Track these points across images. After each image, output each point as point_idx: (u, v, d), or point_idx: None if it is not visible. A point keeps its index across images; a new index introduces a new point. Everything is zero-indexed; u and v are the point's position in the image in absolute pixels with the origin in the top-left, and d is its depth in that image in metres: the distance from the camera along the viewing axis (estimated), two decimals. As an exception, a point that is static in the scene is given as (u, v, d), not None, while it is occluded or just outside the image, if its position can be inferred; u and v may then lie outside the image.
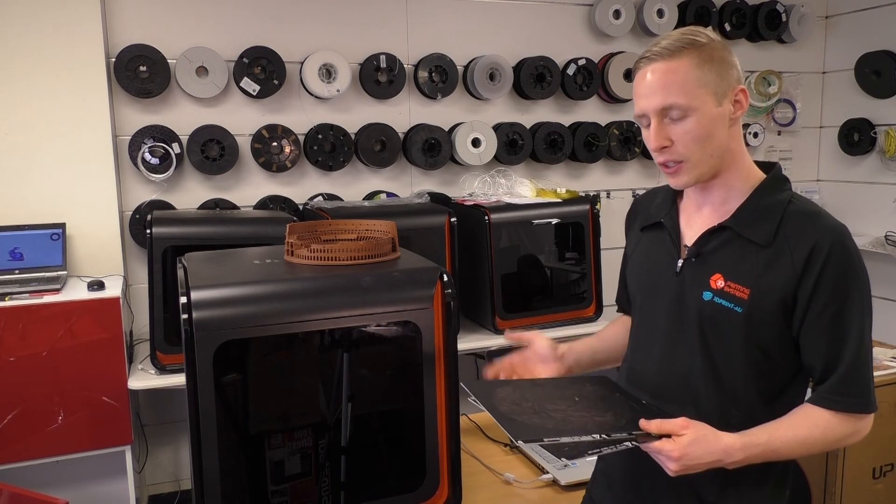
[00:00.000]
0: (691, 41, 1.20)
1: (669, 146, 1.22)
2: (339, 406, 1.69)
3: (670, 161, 1.23)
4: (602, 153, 3.69)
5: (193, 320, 1.34)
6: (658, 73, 1.20)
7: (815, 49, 4.19)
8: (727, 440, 1.17)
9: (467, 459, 1.89)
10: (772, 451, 1.18)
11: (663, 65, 1.20)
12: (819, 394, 1.20)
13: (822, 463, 2.40)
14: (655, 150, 1.23)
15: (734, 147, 1.25)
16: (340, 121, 3.28)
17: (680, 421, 1.16)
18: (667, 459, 1.15)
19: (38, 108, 2.83)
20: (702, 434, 1.16)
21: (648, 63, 1.22)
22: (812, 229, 1.19)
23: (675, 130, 1.21)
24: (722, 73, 1.21)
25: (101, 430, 2.57)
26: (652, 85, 1.21)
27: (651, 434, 1.16)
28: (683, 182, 1.25)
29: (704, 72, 1.19)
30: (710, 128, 1.20)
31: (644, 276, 1.39)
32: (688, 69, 1.19)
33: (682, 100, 1.19)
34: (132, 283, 3.07)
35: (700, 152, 1.22)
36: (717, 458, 1.16)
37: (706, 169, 1.24)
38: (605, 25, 3.65)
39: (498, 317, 2.98)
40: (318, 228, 1.76)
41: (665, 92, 1.19)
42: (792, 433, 1.19)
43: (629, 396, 1.33)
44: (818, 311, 1.18)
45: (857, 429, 1.21)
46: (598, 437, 1.14)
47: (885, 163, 3.90)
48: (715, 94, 1.20)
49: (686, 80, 1.19)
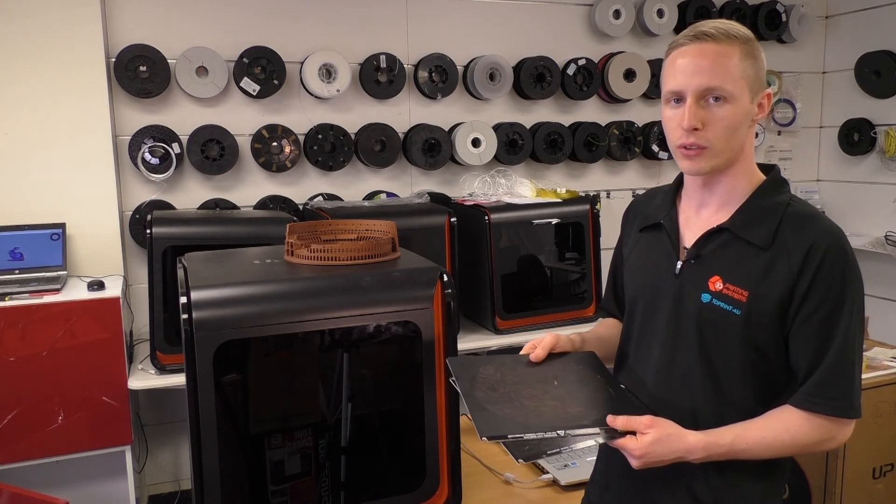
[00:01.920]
0: (740, 32, 1.21)
1: (700, 129, 1.21)
2: (339, 406, 1.69)
3: (694, 144, 1.22)
4: (602, 153, 3.70)
5: (193, 320, 1.34)
6: (709, 54, 1.20)
7: (815, 49, 4.19)
8: (690, 440, 1.19)
9: (467, 459, 1.89)
10: (737, 452, 1.20)
11: (715, 47, 1.20)
12: (799, 394, 1.20)
13: (822, 463, 2.40)
14: (687, 130, 1.21)
15: (747, 147, 1.26)
16: (340, 121, 3.28)
17: (645, 419, 1.19)
18: (630, 456, 1.19)
19: (39, 108, 2.83)
20: (665, 433, 1.18)
21: (697, 42, 1.21)
22: (810, 231, 1.20)
23: (710, 115, 1.21)
24: (759, 73, 1.22)
25: (101, 430, 2.57)
26: (699, 64, 1.20)
27: (617, 430, 1.18)
28: (699, 168, 1.24)
29: (748, 65, 1.21)
30: (740, 120, 1.21)
31: (642, 277, 1.38)
32: (738, 58, 1.20)
33: (728, 85, 1.19)
34: (132, 283, 3.07)
35: (725, 142, 1.22)
36: (679, 455, 1.19)
37: (723, 160, 1.24)
38: (605, 25, 3.65)
39: (498, 317, 2.98)
40: (318, 228, 1.76)
41: (713, 73, 1.19)
42: (760, 435, 1.19)
43: (609, 380, 1.34)
44: (809, 312, 1.18)
45: (834, 434, 1.20)
46: (562, 434, 1.16)
47: (885, 163, 3.90)
48: (751, 90, 1.21)
49: (735, 67, 1.19)
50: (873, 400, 2.32)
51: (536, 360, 1.35)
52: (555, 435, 1.16)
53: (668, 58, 1.26)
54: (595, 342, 1.48)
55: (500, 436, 1.15)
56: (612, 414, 1.20)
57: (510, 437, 1.15)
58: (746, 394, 1.24)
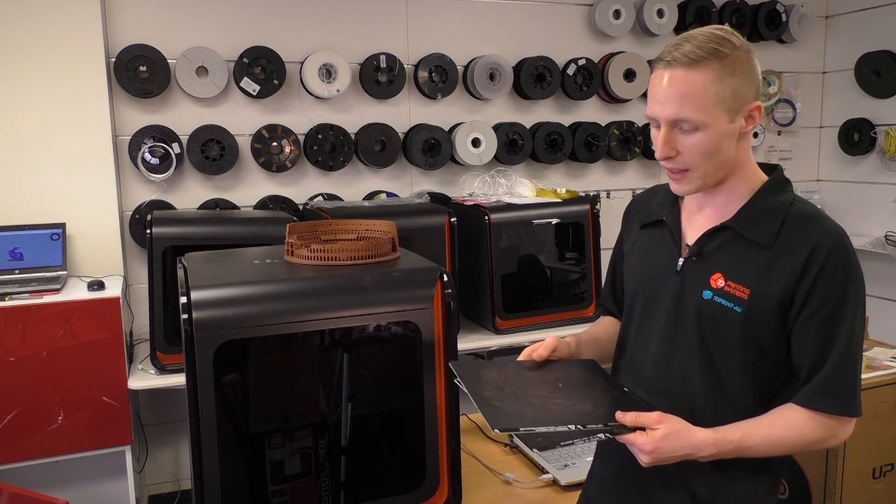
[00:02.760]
0: (715, 50, 1.17)
1: (675, 156, 1.22)
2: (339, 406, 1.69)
3: (675, 168, 1.24)
4: (602, 153, 3.70)
5: (193, 320, 1.34)
6: (676, 83, 1.18)
7: (815, 49, 4.19)
8: (699, 436, 1.19)
9: (467, 459, 1.89)
10: (744, 449, 1.20)
11: (683, 74, 1.17)
12: (802, 393, 1.21)
13: (822, 463, 2.40)
14: (660, 159, 1.24)
15: (741, 157, 1.25)
16: (340, 121, 3.28)
17: (655, 415, 1.19)
18: (639, 452, 1.18)
19: (39, 108, 2.83)
20: (675, 429, 1.18)
21: (668, 67, 1.19)
22: (813, 232, 1.20)
23: (684, 142, 1.20)
24: (739, 89, 1.18)
25: (101, 430, 2.57)
26: (668, 93, 1.19)
27: (626, 426, 1.18)
28: (685, 190, 1.26)
29: (722, 86, 1.17)
30: (718, 143, 1.20)
31: (644, 273, 1.39)
32: (706, 84, 1.16)
33: (695, 115, 1.17)
34: (132, 283, 3.07)
35: (705, 165, 1.22)
36: (688, 452, 1.19)
37: (710, 180, 1.24)
38: (605, 25, 3.65)
39: (498, 317, 2.98)
40: (318, 228, 1.76)
41: (679, 104, 1.18)
42: (767, 433, 1.20)
43: (612, 383, 1.35)
44: (812, 311, 1.19)
45: (836, 432, 1.21)
46: (573, 428, 1.16)
47: (885, 163, 3.90)
48: (729, 111, 1.19)
49: (703, 95, 1.17)
50: (873, 400, 2.32)
51: (539, 359, 1.36)
52: (565, 429, 1.16)
53: (651, 75, 1.25)
54: (591, 343, 1.49)
55: (512, 428, 1.16)
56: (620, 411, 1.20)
57: (522, 429, 1.15)
58: (745, 390, 1.24)
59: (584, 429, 1.17)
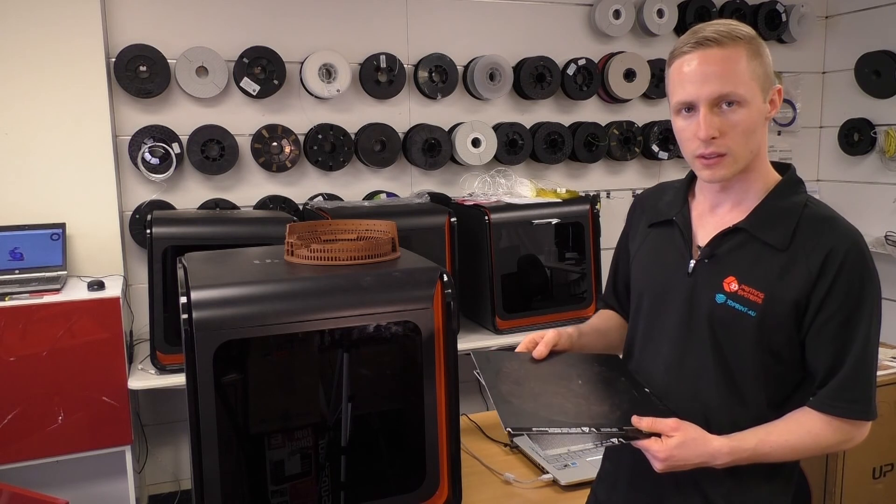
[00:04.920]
0: (743, 32, 1.18)
1: (717, 138, 1.19)
2: (339, 406, 1.69)
3: (714, 153, 1.20)
4: (602, 153, 3.70)
5: (193, 320, 1.34)
6: (714, 61, 1.17)
7: (815, 49, 4.19)
8: (715, 444, 1.17)
9: (467, 459, 1.89)
10: (761, 455, 1.19)
11: (720, 52, 1.17)
12: (818, 398, 1.19)
13: (822, 463, 2.39)
14: (704, 140, 1.19)
15: (762, 147, 1.24)
16: (340, 121, 3.28)
17: (671, 422, 1.17)
18: (654, 458, 1.17)
19: (39, 107, 2.83)
20: (690, 437, 1.16)
21: (700, 48, 1.18)
22: (828, 234, 1.18)
23: (726, 121, 1.18)
24: (767, 70, 1.20)
25: (101, 430, 2.57)
26: (705, 72, 1.17)
27: (641, 430, 1.16)
28: (721, 175, 1.22)
29: (756, 65, 1.18)
30: (757, 122, 1.19)
31: (652, 275, 1.36)
32: (744, 60, 1.17)
33: (741, 89, 1.16)
34: (132, 283, 3.07)
35: (744, 146, 1.19)
36: (704, 460, 1.17)
37: (743, 164, 1.22)
38: (605, 25, 3.65)
39: (498, 317, 2.98)
40: (318, 228, 1.76)
41: (723, 80, 1.16)
42: (783, 439, 1.19)
43: (633, 382, 1.32)
44: (828, 315, 1.17)
45: (852, 436, 1.20)
46: (586, 430, 1.15)
47: (885, 163, 3.90)
48: (762, 90, 1.19)
49: (743, 70, 1.17)
50: (873, 400, 2.32)
51: (539, 357, 1.34)
52: (578, 431, 1.14)
53: (672, 67, 1.23)
54: (593, 335, 1.47)
55: (524, 428, 1.14)
56: (636, 415, 1.18)
57: (534, 429, 1.14)
58: (759, 394, 1.23)
59: (598, 431, 1.15)
